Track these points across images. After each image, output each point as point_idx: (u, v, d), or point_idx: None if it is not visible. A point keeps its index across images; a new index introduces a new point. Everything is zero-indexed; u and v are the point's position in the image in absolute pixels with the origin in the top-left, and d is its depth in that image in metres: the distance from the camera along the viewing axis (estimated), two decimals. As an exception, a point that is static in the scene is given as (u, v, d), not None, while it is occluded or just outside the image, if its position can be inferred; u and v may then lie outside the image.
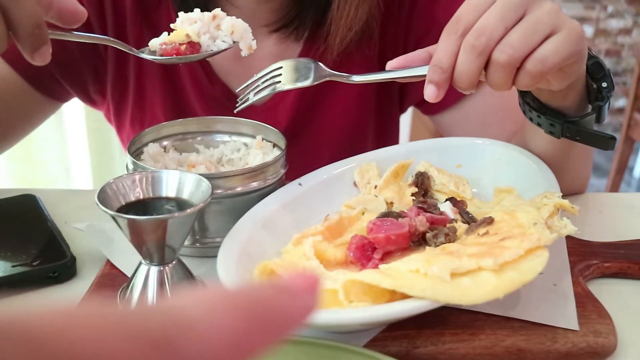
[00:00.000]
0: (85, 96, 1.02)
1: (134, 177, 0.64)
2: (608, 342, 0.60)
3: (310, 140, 1.01)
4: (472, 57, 0.63)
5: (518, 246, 0.55)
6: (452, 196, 0.75)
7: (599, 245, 0.77)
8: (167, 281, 0.63)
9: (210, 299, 0.21)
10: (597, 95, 0.74)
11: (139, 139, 0.79)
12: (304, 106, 0.99)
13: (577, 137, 0.74)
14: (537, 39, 0.62)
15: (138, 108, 1.00)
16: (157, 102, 0.99)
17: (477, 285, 0.52)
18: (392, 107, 1.06)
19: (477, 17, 0.63)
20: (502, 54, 0.62)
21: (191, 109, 0.99)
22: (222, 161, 0.81)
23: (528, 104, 0.76)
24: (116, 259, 0.72)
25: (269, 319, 0.22)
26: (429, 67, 0.66)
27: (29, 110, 0.97)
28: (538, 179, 0.75)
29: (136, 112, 1.01)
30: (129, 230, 0.59)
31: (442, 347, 0.59)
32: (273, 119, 0.98)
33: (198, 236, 0.73)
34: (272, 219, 0.70)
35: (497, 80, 0.64)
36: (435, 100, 0.66)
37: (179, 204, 0.63)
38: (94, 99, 1.03)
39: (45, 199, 0.85)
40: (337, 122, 1.01)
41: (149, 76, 0.98)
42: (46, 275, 0.70)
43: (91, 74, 0.98)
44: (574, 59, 0.64)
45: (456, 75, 0.64)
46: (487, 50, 0.62)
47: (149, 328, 0.19)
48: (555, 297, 0.65)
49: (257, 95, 0.73)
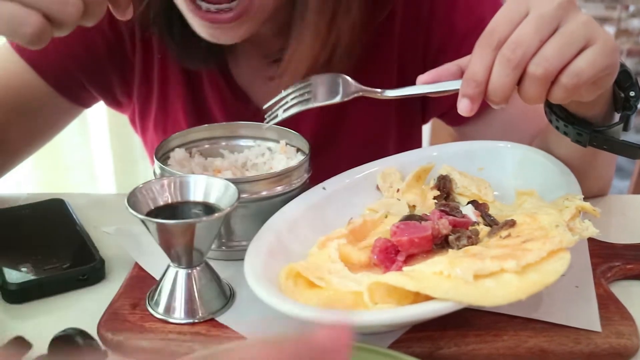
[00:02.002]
0: (112, 99, 1.03)
1: (162, 182, 0.66)
2: (631, 343, 0.61)
3: (332, 153, 1.00)
4: (508, 71, 0.62)
5: (540, 248, 0.56)
6: (474, 199, 0.76)
7: (622, 247, 0.77)
8: (194, 284, 0.65)
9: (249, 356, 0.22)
10: (624, 104, 0.74)
11: (166, 144, 0.81)
12: (326, 120, 0.99)
13: (604, 146, 0.74)
14: (573, 52, 0.61)
15: (162, 112, 1.01)
16: (179, 108, 1.00)
17: (500, 287, 0.53)
18: (415, 119, 1.06)
19: (512, 29, 0.62)
20: (538, 68, 0.61)
21: (213, 119, 1.00)
22: (247, 166, 0.82)
23: (555, 114, 0.76)
24: (144, 261, 0.73)
25: None
26: (463, 80, 0.65)
27: (54, 115, 0.98)
28: (560, 181, 0.75)
29: (160, 116, 1.02)
30: (158, 234, 0.61)
31: (466, 348, 0.60)
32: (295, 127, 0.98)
33: (224, 239, 0.75)
34: (297, 223, 0.71)
35: (531, 94, 0.64)
36: (469, 114, 0.66)
37: (206, 208, 0.65)
38: (120, 101, 1.04)
39: (73, 203, 0.87)
40: (358, 135, 1.02)
41: (172, 82, 0.99)
42: (76, 278, 0.72)
43: (118, 76, 0.99)
44: (607, 71, 0.64)
45: (490, 90, 0.64)
46: (522, 64, 0.62)
47: None
48: (578, 299, 0.66)
49: (286, 112, 0.74)
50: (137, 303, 0.67)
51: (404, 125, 1.04)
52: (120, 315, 0.65)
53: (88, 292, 0.72)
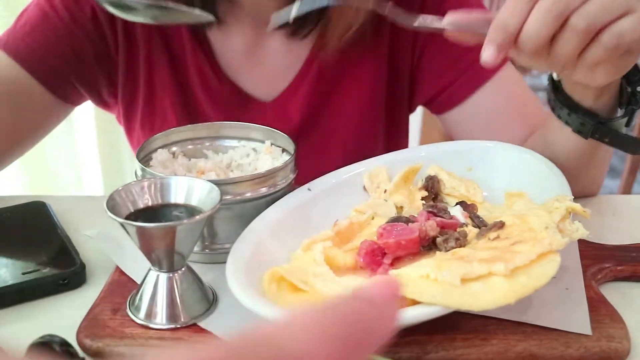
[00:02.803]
0: (99, 99, 1.02)
1: (142, 184, 0.64)
2: (621, 346, 0.59)
3: (321, 135, 1.01)
4: (547, 20, 0.61)
5: (529, 251, 0.55)
6: (462, 200, 0.75)
7: (612, 248, 0.76)
8: (176, 288, 0.63)
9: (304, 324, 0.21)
10: (630, 99, 0.73)
11: (148, 145, 0.79)
12: (315, 101, 0.99)
13: (605, 139, 0.74)
14: (616, 13, 0.61)
15: (148, 110, 1.00)
16: (167, 103, 0.99)
17: (488, 291, 0.52)
18: (402, 105, 1.06)
19: None
20: (581, 20, 0.60)
21: (201, 109, 1.00)
22: (232, 167, 0.80)
23: (559, 101, 0.76)
24: (126, 265, 0.72)
25: (361, 337, 0.22)
26: (492, 26, 0.63)
27: (42, 113, 0.97)
28: (549, 182, 0.74)
29: (146, 115, 1.01)
30: (138, 237, 0.59)
31: (454, 353, 0.59)
32: (284, 113, 0.99)
33: (207, 242, 0.73)
34: (281, 225, 0.69)
35: (567, 50, 0.62)
36: (493, 63, 0.64)
37: (188, 211, 0.63)
38: (107, 101, 1.03)
39: (55, 206, 0.86)
40: (347, 117, 1.01)
41: (158, 78, 0.98)
42: (56, 283, 0.70)
43: (104, 76, 0.98)
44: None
45: (523, 36, 0.62)
46: (564, 15, 0.60)
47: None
48: (568, 302, 0.65)
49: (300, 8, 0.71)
50: (117, 308, 0.65)
51: (392, 110, 1.04)
52: (101, 320, 0.63)
53: (68, 297, 0.70)
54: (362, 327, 0.23)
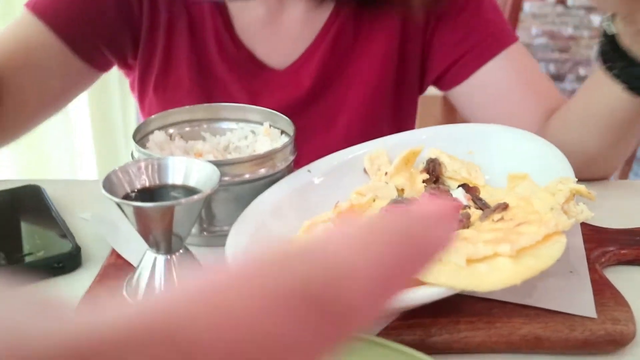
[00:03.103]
0: (124, 62, 1.03)
1: (139, 164, 0.63)
2: (627, 329, 0.58)
3: (329, 106, 1.02)
4: None
5: (535, 232, 0.54)
6: (464, 183, 0.74)
7: (615, 232, 0.75)
8: (174, 270, 0.62)
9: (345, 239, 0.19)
10: None
11: (144, 126, 0.78)
12: (327, 71, 1.00)
13: None
14: None
15: (163, 74, 1.01)
16: (182, 68, 1.00)
17: (494, 272, 0.51)
18: (412, 86, 1.06)
19: None
20: None
21: (215, 74, 1.01)
22: (229, 149, 0.79)
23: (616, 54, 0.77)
24: (122, 248, 0.70)
25: (412, 251, 0.20)
26: None
27: (70, 77, 0.98)
28: (551, 165, 0.73)
29: (160, 79, 1.02)
30: (135, 218, 0.58)
31: (458, 336, 0.57)
32: (297, 80, 1.00)
33: (205, 225, 0.72)
34: (281, 207, 0.68)
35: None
36: None
37: (186, 192, 0.62)
38: (131, 65, 1.04)
39: (49, 190, 0.84)
40: (356, 90, 1.02)
41: (176, 42, 0.99)
42: (51, 266, 0.69)
43: (129, 39, 0.99)
44: None
45: None
46: None
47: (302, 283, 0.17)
48: (572, 285, 0.64)
49: None
50: (114, 291, 0.64)
51: (402, 88, 1.05)
52: (97, 303, 0.62)
53: (63, 281, 0.69)
54: (414, 242, 0.20)
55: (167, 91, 1.01)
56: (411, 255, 0.20)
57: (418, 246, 0.20)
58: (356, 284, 0.18)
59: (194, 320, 0.15)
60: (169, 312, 0.15)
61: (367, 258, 0.18)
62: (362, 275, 0.18)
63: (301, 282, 0.17)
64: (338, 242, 0.18)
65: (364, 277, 0.18)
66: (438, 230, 0.21)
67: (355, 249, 0.18)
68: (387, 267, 0.19)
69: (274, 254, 0.18)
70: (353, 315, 0.18)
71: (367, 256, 0.18)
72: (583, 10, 3.48)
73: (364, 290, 0.18)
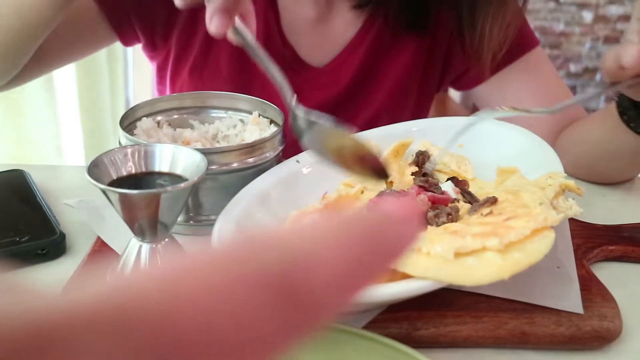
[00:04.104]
0: (151, 39, 1.02)
1: (126, 151, 0.62)
2: (613, 325, 0.58)
3: (358, 102, 1.04)
4: None
5: (524, 226, 0.53)
6: (453, 176, 0.73)
7: (603, 228, 0.75)
8: (159, 259, 0.61)
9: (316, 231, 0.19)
10: None
11: (132, 113, 0.77)
12: (364, 70, 1.02)
13: None
14: None
15: (202, 57, 1.01)
16: (223, 54, 0.99)
17: (482, 266, 0.50)
18: (432, 85, 1.08)
19: None
20: None
21: (255, 67, 0.99)
22: (218, 137, 0.78)
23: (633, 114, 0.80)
24: (107, 235, 0.70)
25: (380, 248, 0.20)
26: None
27: (93, 41, 0.99)
28: (541, 159, 0.73)
29: (199, 61, 1.01)
30: (121, 205, 0.57)
31: (444, 330, 0.57)
32: (335, 78, 1.01)
33: (192, 213, 0.71)
34: (268, 196, 0.67)
35: None
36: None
37: (172, 179, 0.61)
38: (156, 44, 1.03)
39: (34, 175, 0.83)
40: (385, 89, 1.04)
41: None
42: (34, 252, 0.68)
43: (164, 15, 0.99)
44: None
45: None
46: None
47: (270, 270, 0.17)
48: (560, 280, 0.63)
49: None
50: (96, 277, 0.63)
51: (423, 89, 1.07)
52: (80, 291, 0.61)
53: (47, 267, 0.68)
54: (381, 238, 0.20)
55: (204, 76, 1.01)
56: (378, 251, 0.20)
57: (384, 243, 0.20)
58: (326, 276, 0.18)
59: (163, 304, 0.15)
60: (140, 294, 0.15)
61: (337, 252, 0.19)
62: (331, 268, 0.18)
63: (272, 270, 0.17)
64: (311, 235, 0.19)
65: (333, 270, 0.18)
66: (403, 229, 0.21)
67: (328, 242, 0.19)
68: (355, 261, 0.19)
69: (247, 242, 0.18)
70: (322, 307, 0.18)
71: (338, 250, 0.19)
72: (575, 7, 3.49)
73: (333, 283, 0.18)
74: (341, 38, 1.01)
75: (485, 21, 0.92)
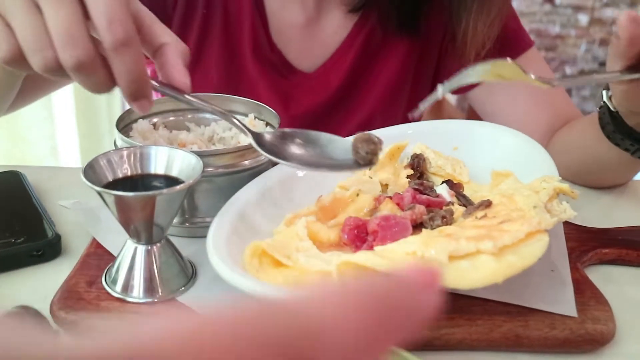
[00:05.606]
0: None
1: (121, 153, 0.62)
2: (607, 329, 0.59)
3: (350, 105, 1.04)
4: None
5: (518, 229, 0.54)
6: (448, 179, 0.74)
7: (597, 231, 0.75)
8: (154, 261, 0.61)
9: (334, 296, 0.19)
10: None
11: (128, 115, 0.77)
12: (355, 73, 1.02)
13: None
14: None
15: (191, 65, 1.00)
16: (212, 61, 1.00)
17: (476, 269, 0.50)
18: (426, 84, 1.08)
19: None
20: None
21: (245, 72, 1.01)
22: (214, 140, 0.78)
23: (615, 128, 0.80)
24: (102, 237, 0.70)
25: (395, 319, 0.20)
26: None
27: None
28: (536, 163, 0.73)
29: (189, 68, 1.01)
30: (116, 207, 0.57)
31: (438, 332, 0.57)
32: (325, 83, 1.01)
33: (188, 215, 0.71)
34: (263, 199, 0.68)
35: None
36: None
37: (168, 181, 0.61)
38: None
39: (30, 176, 0.83)
40: (378, 90, 1.04)
41: (210, 35, 0.99)
42: (30, 254, 0.68)
43: None
44: None
45: None
46: None
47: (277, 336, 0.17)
48: (553, 283, 0.64)
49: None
50: (93, 281, 0.63)
51: (416, 92, 1.07)
52: (75, 293, 0.62)
53: (43, 269, 0.68)
54: (397, 310, 0.20)
55: (194, 83, 1.00)
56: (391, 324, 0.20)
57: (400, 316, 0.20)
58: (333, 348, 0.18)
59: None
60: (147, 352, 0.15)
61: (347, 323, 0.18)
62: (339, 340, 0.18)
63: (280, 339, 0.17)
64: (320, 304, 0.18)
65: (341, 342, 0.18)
66: (421, 298, 0.21)
67: (336, 312, 0.18)
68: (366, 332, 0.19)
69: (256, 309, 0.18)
70: None
71: (347, 321, 0.18)
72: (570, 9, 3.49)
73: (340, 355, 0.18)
74: (331, 42, 1.01)
75: (469, 15, 0.92)
